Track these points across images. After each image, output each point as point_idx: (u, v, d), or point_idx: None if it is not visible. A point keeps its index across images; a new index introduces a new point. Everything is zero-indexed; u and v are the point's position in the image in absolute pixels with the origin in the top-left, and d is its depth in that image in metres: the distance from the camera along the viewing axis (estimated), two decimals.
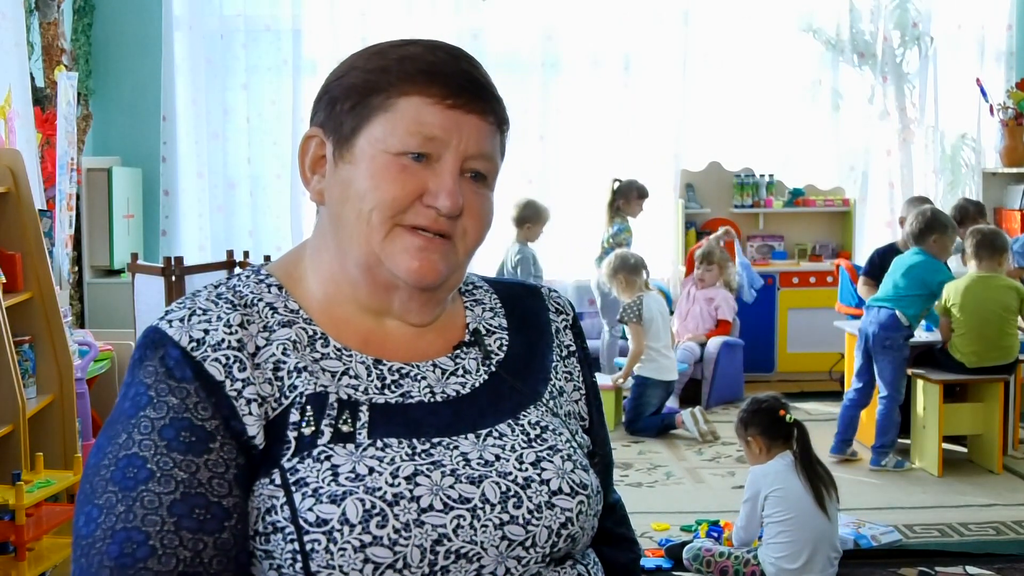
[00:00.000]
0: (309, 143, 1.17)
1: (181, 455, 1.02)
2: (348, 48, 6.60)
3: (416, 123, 1.09)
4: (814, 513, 3.38)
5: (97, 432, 4.91)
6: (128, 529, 0.99)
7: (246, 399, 1.06)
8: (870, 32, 7.11)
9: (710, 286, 6.25)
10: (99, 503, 1.01)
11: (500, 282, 1.30)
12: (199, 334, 1.08)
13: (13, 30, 5.20)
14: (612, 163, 6.93)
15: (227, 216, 6.88)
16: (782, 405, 3.54)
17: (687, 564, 3.63)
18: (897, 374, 4.78)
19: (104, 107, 6.67)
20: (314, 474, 1.03)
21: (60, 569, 3.57)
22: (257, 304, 1.13)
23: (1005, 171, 6.72)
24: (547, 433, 1.14)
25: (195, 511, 1.01)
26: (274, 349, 1.10)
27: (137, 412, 1.05)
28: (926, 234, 4.83)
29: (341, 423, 1.07)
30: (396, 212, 1.10)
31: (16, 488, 3.16)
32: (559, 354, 1.25)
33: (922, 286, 4.76)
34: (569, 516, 1.09)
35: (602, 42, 6.91)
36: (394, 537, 1.00)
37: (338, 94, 1.14)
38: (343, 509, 1.01)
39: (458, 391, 1.15)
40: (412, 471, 1.05)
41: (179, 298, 1.16)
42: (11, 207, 4.00)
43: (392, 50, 1.14)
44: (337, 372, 1.11)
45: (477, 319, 1.23)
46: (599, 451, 1.27)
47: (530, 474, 1.09)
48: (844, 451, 4.97)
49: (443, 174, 1.10)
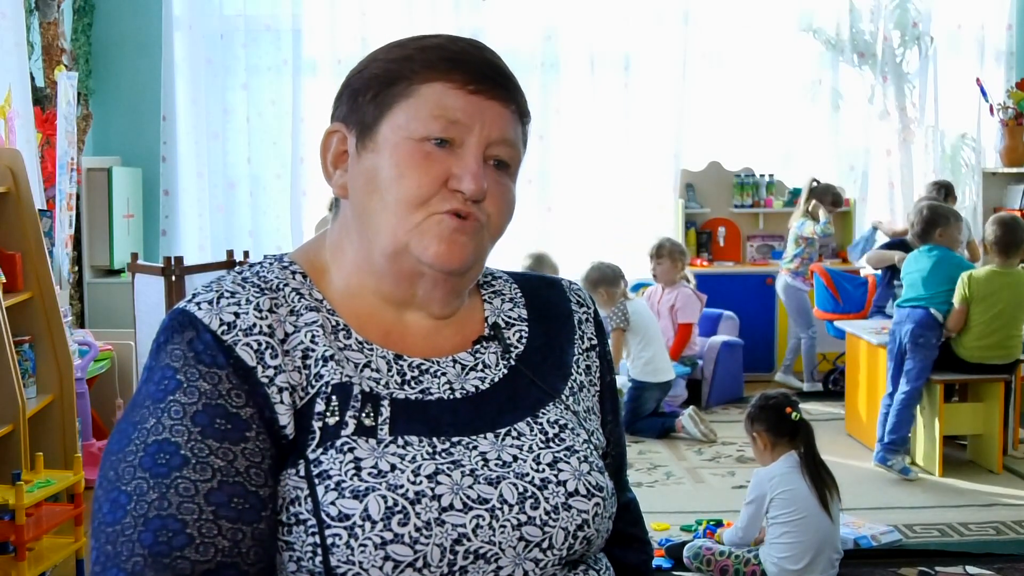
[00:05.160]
0: (331, 138, 1.16)
1: (217, 442, 1.00)
2: (348, 48, 6.64)
3: (439, 107, 1.09)
4: (819, 514, 3.38)
5: (97, 432, 4.91)
6: (163, 517, 0.96)
7: (278, 387, 1.05)
8: (870, 32, 7.11)
9: (669, 284, 6.15)
10: (127, 489, 0.98)
11: (519, 274, 1.29)
12: (229, 317, 1.06)
13: (13, 30, 5.20)
14: (612, 163, 6.94)
15: (227, 216, 6.88)
16: (790, 403, 3.54)
17: (687, 563, 3.62)
18: (923, 373, 4.75)
19: (104, 107, 6.67)
20: (337, 466, 1.02)
21: (60, 569, 3.57)
22: (283, 289, 1.11)
23: (1005, 171, 6.72)
24: (565, 432, 1.14)
25: (233, 500, 0.99)
26: (302, 336, 1.08)
27: (166, 396, 1.02)
28: (931, 230, 4.82)
29: (364, 416, 1.06)
30: (423, 200, 1.09)
31: (16, 488, 3.16)
32: (580, 347, 1.24)
33: (950, 281, 4.74)
34: (585, 518, 1.09)
35: (602, 42, 6.91)
36: (415, 535, 1.00)
37: (359, 86, 1.14)
38: (365, 505, 1.00)
39: (477, 386, 1.14)
40: (433, 470, 1.04)
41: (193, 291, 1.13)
42: (11, 207, 4.00)
43: (413, 42, 1.14)
44: (360, 364, 1.10)
45: (496, 312, 1.21)
46: (613, 450, 1.26)
47: (547, 475, 1.09)
48: (886, 461, 4.79)
49: (466, 158, 1.09)
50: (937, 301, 4.74)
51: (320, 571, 1.01)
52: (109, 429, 5.12)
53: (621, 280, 5.73)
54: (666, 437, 5.46)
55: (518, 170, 1.16)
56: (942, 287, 4.75)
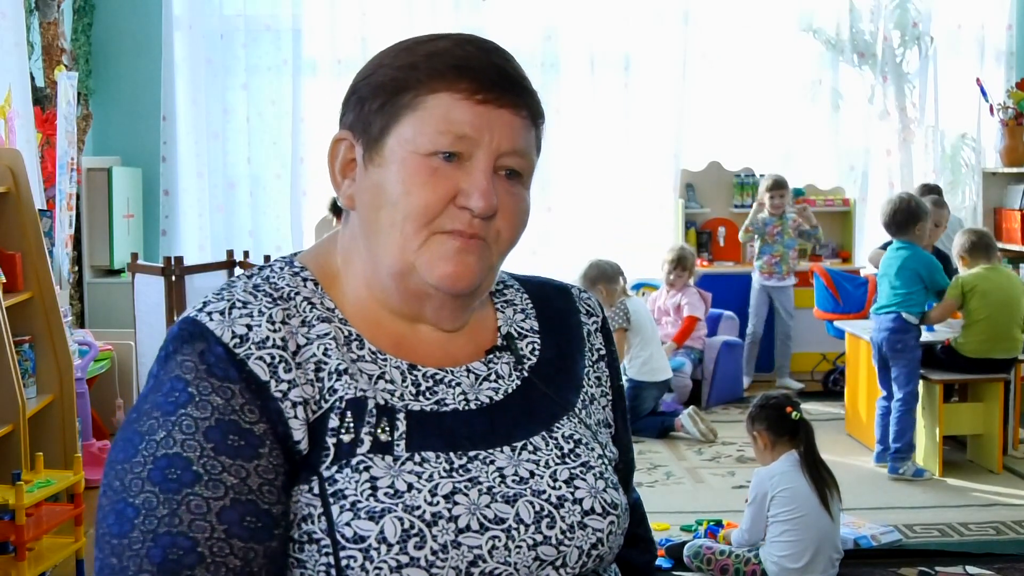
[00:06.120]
0: (338, 146, 1.13)
1: (230, 459, 0.98)
2: (348, 48, 6.65)
3: (446, 121, 1.06)
4: (819, 513, 3.39)
5: (97, 432, 4.91)
6: (173, 534, 0.94)
7: (291, 402, 1.03)
8: (870, 32, 7.11)
9: (679, 291, 6.21)
10: (135, 503, 0.96)
11: (530, 280, 1.27)
12: (242, 330, 1.04)
13: (13, 30, 5.20)
14: (612, 163, 6.94)
15: (227, 216, 6.88)
16: (790, 403, 3.55)
17: (687, 562, 3.62)
18: (912, 376, 4.74)
19: (104, 107, 6.67)
20: (353, 486, 1.01)
21: (60, 569, 3.57)
22: (295, 298, 1.09)
23: (1005, 171, 6.71)
24: (580, 448, 1.12)
25: (246, 519, 0.97)
26: (315, 349, 1.06)
27: (176, 409, 1.00)
28: (911, 224, 4.81)
29: (380, 431, 1.04)
30: (430, 218, 1.06)
31: (16, 488, 3.16)
32: (590, 359, 1.23)
33: (918, 280, 4.74)
34: (600, 536, 1.07)
35: (602, 42, 6.91)
36: (431, 559, 0.98)
37: (366, 94, 1.10)
38: (381, 527, 0.98)
39: (491, 397, 1.12)
40: (450, 489, 1.03)
41: (215, 292, 1.10)
42: (11, 207, 4.00)
43: (420, 46, 1.10)
44: (374, 375, 1.08)
45: (508, 322, 1.19)
46: (622, 457, 1.25)
47: (563, 493, 1.07)
48: (897, 470, 4.76)
49: (476, 173, 1.06)
50: (908, 304, 4.73)
51: None
52: (109, 429, 5.12)
53: (620, 277, 5.72)
54: (665, 436, 5.46)
55: (532, 176, 1.13)
56: (912, 287, 4.73)
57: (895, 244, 4.86)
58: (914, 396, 4.75)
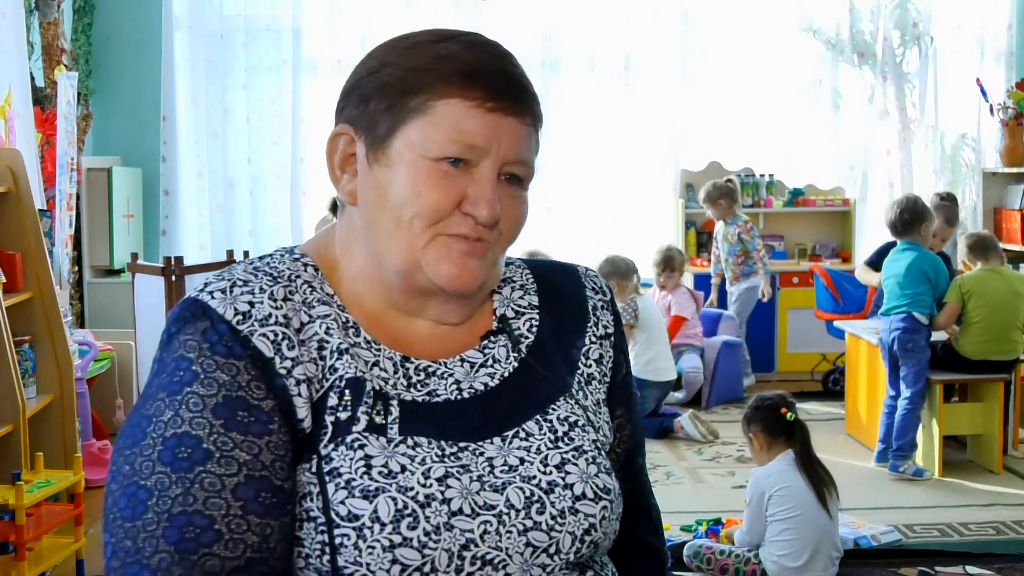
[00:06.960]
0: (338, 140, 1.12)
1: (241, 435, 0.98)
2: (348, 48, 6.65)
3: (456, 130, 1.05)
4: (817, 511, 3.39)
5: (97, 432, 4.91)
6: (188, 513, 0.94)
7: (296, 379, 1.03)
8: (870, 32, 7.11)
9: (671, 291, 6.20)
10: (147, 484, 0.95)
11: (534, 260, 1.27)
12: (244, 307, 1.04)
13: (13, 30, 5.20)
14: (612, 163, 6.94)
15: (227, 216, 6.88)
16: (785, 403, 3.55)
17: (687, 562, 3.63)
18: (921, 376, 4.74)
19: (104, 107, 6.67)
20: (347, 464, 1.01)
21: (60, 569, 3.57)
22: (295, 280, 1.10)
23: (1005, 171, 6.71)
24: (575, 431, 1.12)
25: (261, 495, 0.97)
26: (317, 327, 1.07)
27: (182, 388, 0.99)
28: (916, 224, 4.81)
29: (375, 413, 1.05)
30: (437, 219, 1.07)
31: (16, 488, 3.16)
32: (594, 334, 1.21)
33: (925, 280, 4.74)
34: (592, 522, 1.07)
35: (602, 42, 6.91)
36: (424, 539, 0.99)
37: (370, 91, 1.09)
38: (375, 506, 0.99)
39: (487, 383, 1.12)
40: (443, 472, 1.03)
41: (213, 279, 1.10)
42: (11, 207, 4.00)
43: (429, 47, 1.09)
44: (369, 362, 1.09)
45: (505, 302, 1.19)
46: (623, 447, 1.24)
47: (554, 478, 1.07)
48: (898, 468, 4.75)
49: (482, 182, 1.07)
50: (918, 304, 4.73)
51: (327, 570, 1.00)
52: (109, 429, 5.12)
53: (634, 274, 5.71)
54: (664, 438, 5.46)
55: (531, 179, 1.14)
56: (920, 288, 4.74)
57: (900, 245, 4.87)
58: (921, 395, 4.76)
